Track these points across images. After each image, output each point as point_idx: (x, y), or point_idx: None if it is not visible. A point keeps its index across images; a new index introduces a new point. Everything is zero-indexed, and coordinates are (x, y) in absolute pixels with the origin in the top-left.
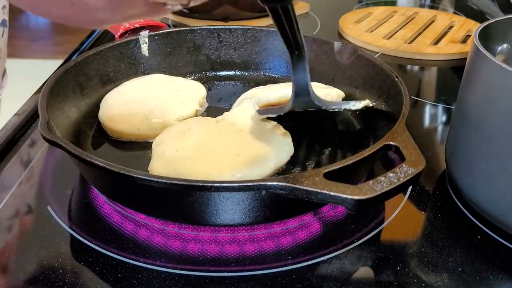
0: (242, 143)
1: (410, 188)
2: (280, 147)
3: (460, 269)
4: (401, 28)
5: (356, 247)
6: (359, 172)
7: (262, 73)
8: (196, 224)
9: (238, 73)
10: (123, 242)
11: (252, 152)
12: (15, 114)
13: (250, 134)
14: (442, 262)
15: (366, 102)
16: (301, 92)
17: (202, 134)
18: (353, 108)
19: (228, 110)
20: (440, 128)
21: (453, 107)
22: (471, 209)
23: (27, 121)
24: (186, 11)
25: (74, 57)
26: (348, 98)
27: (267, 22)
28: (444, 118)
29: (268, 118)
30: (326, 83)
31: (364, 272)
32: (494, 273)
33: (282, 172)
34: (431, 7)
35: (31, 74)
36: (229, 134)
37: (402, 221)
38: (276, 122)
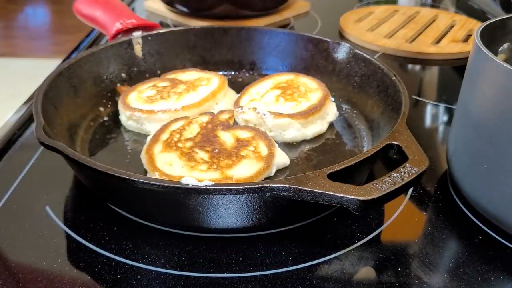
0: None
1: (411, 188)
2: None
3: (461, 270)
4: (402, 27)
5: (357, 247)
6: (361, 172)
7: (257, 72)
8: (199, 230)
9: (233, 72)
10: (122, 243)
11: None
12: (12, 116)
13: None
14: (443, 263)
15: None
16: None
17: None
18: None
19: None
20: (441, 128)
21: (455, 107)
22: (473, 210)
23: (26, 121)
24: (186, 10)
25: (72, 57)
26: (346, 97)
27: (267, 21)
28: (445, 118)
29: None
30: (323, 82)
31: (365, 273)
32: (496, 274)
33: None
34: (432, 6)
35: (29, 74)
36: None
37: (403, 222)
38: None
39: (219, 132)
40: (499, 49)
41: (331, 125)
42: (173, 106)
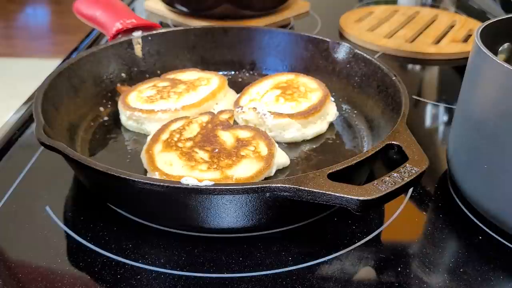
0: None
1: (411, 188)
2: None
3: (461, 270)
4: (402, 27)
5: (357, 248)
6: (361, 172)
7: (257, 72)
8: (199, 230)
9: (233, 72)
10: (122, 243)
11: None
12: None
13: None
14: (444, 263)
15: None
16: None
17: None
18: None
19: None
20: (441, 128)
21: (455, 107)
22: (473, 210)
23: (26, 121)
24: (186, 10)
25: (72, 57)
26: (346, 97)
27: (267, 21)
28: (445, 118)
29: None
30: (323, 82)
31: (365, 273)
32: (496, 274)
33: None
34: (432, 6)
35: (29, 74)
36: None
37: (403, 222)
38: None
39: (219, 132)
40: (499, 49)
41: (331, 125)
42: (173, 106)
